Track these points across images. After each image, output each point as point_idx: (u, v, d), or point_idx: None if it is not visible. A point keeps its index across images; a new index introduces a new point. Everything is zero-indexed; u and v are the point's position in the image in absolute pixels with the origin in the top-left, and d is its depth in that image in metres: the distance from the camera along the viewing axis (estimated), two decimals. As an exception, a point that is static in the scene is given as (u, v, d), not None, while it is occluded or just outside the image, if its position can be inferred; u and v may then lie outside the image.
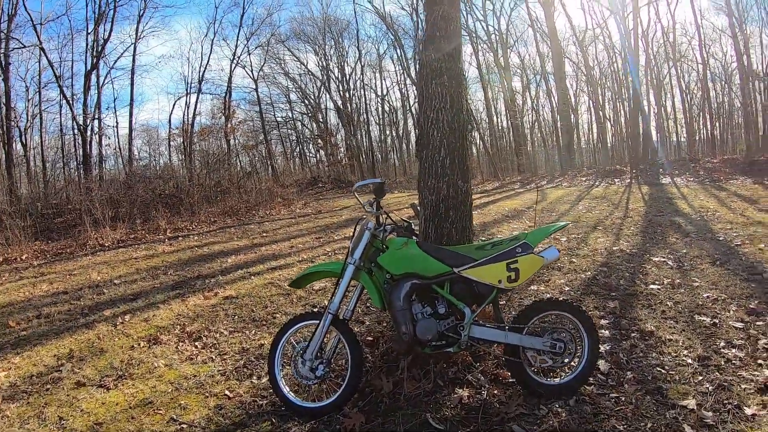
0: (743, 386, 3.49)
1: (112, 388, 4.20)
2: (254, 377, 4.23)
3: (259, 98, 34.99)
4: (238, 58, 31.54)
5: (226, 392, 3.98)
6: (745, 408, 3.22)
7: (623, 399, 3.41)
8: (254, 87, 34.63)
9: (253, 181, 19.42)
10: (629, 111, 27.42)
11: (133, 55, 26.43)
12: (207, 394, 3.97)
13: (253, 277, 7.47)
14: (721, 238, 7.92)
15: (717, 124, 34.03)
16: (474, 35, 32.10)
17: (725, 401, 3.31)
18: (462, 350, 3.60)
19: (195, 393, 4.01)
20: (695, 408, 3.24)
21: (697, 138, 36.28)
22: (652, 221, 9.79)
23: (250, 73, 34.29)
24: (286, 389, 3.64)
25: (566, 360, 3.50)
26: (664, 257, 6.97)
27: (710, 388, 3.49)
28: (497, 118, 38.51)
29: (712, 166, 19.89)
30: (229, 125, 26.82)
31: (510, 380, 3.68)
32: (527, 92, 38.91)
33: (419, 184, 4.62)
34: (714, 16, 50.06)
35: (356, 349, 3.60)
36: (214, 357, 4.70)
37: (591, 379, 3.61)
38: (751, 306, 4.91)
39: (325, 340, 3.65)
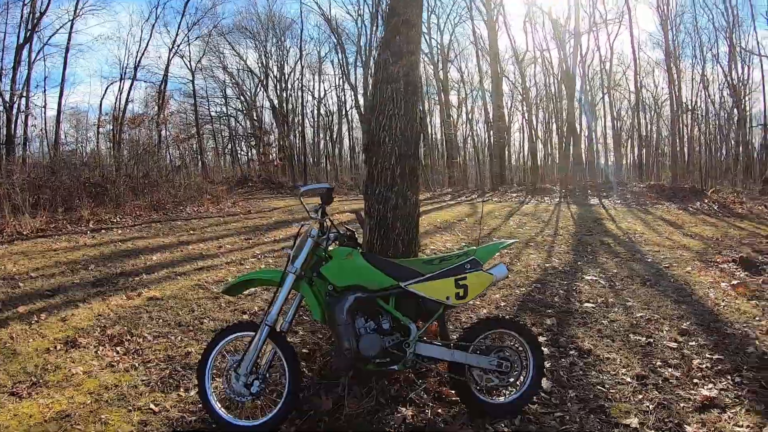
0: (682, 405, 3.57)
1: (25, 397, 3.76)
2: (181, 389, 3.91)
3: (194, 90, 34.27)
4: (178, 47, 30.75)
5: (152, 406, 3.64)
6: (686, 426, 3.29)
7: (567, 418, 3.40)
8: (191, 78, 33.91)
9: (183, 176, 18.73)
10: (563, 132, 28.40)
11: (69, 33, 25.24)
12: (130, 408, 3.62)
13: (179, 277, 7.08)
14: (649, 260, 8.22)
15: (644, 152, 35.97)
16: (416, 47, 32.24)
17: (666, 420, 3.36)
18: (407, 368, 3.48)
19: (117, 406, 3.65)
20: (638, 427, 3.27)
21: (624, 163, 38.33)
22: (582, 240, 10.07)
23: (188, 63, 33.50)
24: (217, 405, 3.37)
25: (512, 379, 3.45)
26: (596, 276, 7.15)
27: (650, 406, 3.54)
28: (432, 129, 39.13)
29: (639, 190, 20.88)
30: (162, 115, 25.78)
31: (454, 398, 3.60)
32: (463, 107, 39.85)
33: (366, 192, 4.46)
34: (651, 50, 52.81)
35: (294, 365, 3.37)
36: (137, 365, 4.33)
37: (534, 397, 3.58)
38: (683, 326, 5.08)
39: (260, 353, 3.43)
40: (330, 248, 3.53)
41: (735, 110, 28.76)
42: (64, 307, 5.79)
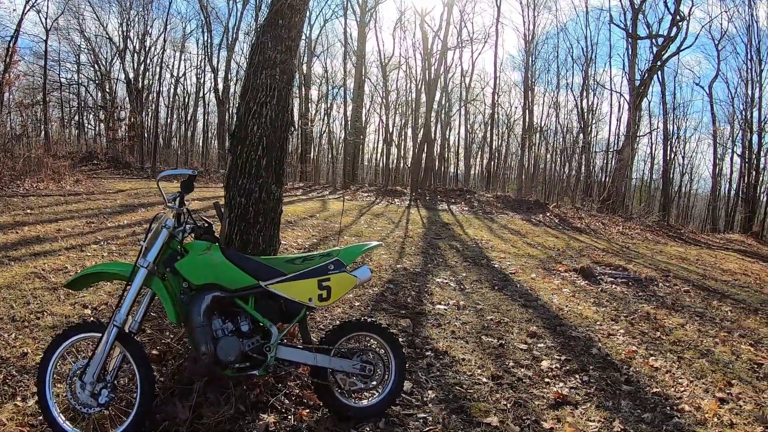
0: (537, 402, 3.80)
1: None
2: (18, 398, 3.36)
3: (46, 52, 30.74)
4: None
5: (-14, 420, 3.15)
6: (542, 422, 3.50)
7: (431, 419, 3.45)
8: (44, 38, 30.42)
9: (23, 146, 16.85)
10: (417, 138, 29.38)
11: None
12: (-42, 425, 3.11)
13: (12, 263, 6.19)
14: (496, 266, 8.69)
15: (493, 163, 38.37)
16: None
17: (524, 417, 3.56)
18: (269, 373, 3.34)
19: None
20: (498, 425, 3.41)
21: (473, 172, 40.79)
22: (432, 243, 10.44)
23: (43, 21, 30.17)
24: (61, 419, 2.98)
25: (375, 382, 3.43)
26: (446, 279, 7.41)
27: (508, 405, 3.72)
28: (287, 122, 38.69)
29: (486, 200, 22.22)
30: (8, 75, 22.95)
31: (317, 402, 3.51)
32: (323, 102, 39.94)
33: (227, 182, 4.25)
34: (510, 71, 56.79)
35: (146, 370, 3.06)
36: None
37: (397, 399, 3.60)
38: (532, 329, 5.40)
39: (108, 358, 3.08)
40: (186, 241, 3.29)
41: (581, 135, 31.70)
42: None
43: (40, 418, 3.10)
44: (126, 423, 3.01)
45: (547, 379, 4.20)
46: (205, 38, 35.07)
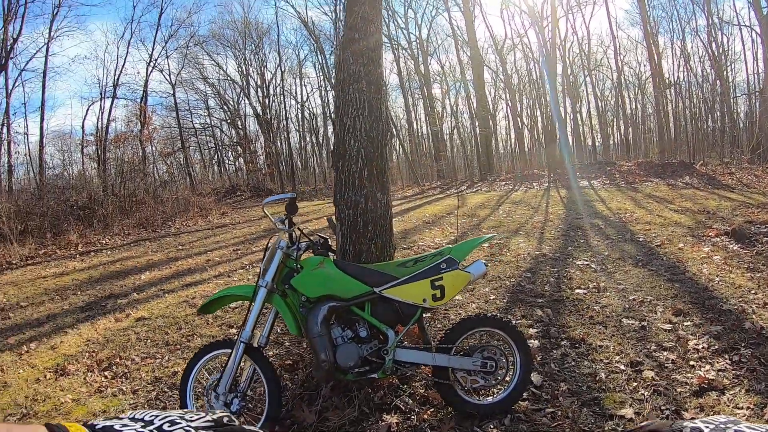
0: (678, 389, 3.50)
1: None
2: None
3: (176, 104, 33.69)
4: (155, 61, 30.24)
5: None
6: (683, 412, 3.21)
7: (559, 413, 3.31)
8: (171, 92, 33.29)
9: (170, 191, 18.74)
10: (546, 117, 28.41)
11: (45, 57, 24.74)
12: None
13: (167, 295, 7.07)
14: (641, 240, 8.17)
15: (630, 130, 36.17)
16: (395, 42, 32.68)
17: (663, 407, 3.29)
18: (387, 376, 3.40)
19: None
20: (633, 417, 3.19)
21: (612, 142, 38.77)
22: (573, 224, 10.02)
23: (167, 77, 32.89)
24: None
25: (498, 378, 3.37)
26: (587, 260, 7.08)
27: (646, 394, 3.46)
28: (417, 124, 39.27)
29: (627, 169, 20.88)
30: (146, 132, 25.56)
31: (441, 401, 3.51)
32: (447, 99, 39.88)
33: (335, 197, 4.39)
34: (629, 28, 53.49)
35: (273, 380, 3.33)
36: (124, 388, 4.32)
37: (524, 394, 3.50)
38: (678, 306, 5.00)
39: (240, 370, 3.38)
40: (302, 258, 3.49)
41: (718, 82, 28.83)
42: (53, 335, 5.86)
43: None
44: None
45: (692, 362, 3.85)
46: (320, 59, 36.05)
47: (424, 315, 3.58)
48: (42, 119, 24.76)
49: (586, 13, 32.79)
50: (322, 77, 37.04)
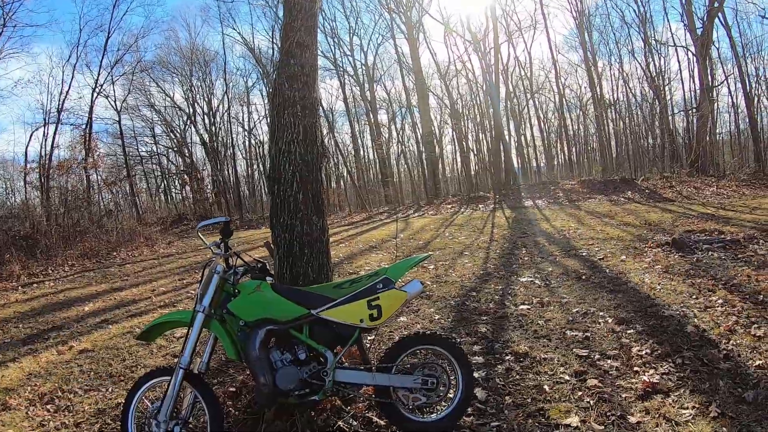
0: (623, 395, 3.51)
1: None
2: None
3: (122, 131, 32.99)
4: (101, 86, 29.44)
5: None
6: (629, 417, 3.22)
7: (505, 426, 3.27)
8: (117, 119, 32.60)
9: (115, 220, 18.29)
10: (491, 141, 28.95)
11: None
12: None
13: (110, 326, 6.91)
14: (584, 254, 8.30)
15: (574, 149, 37.24)
16: (341, 69, 33.09)
17: (608, 413, 3.28)
18: (328, 397, 3.35)
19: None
20: (579, 425, 3.16)
21: (556, 162, 39.87)
22: (517, 243, 10.15)
23: (113, 103, 32.26)
24: None
25: (441, 395, 3.33)
26: (531, 277, 7.13)
27: (591, 402, 3.45)
28: (363, 150, 39.49)
29: (571, 187, 21.48)
30: (90, 159, 24.82)
31: (384, 421, 3.44)
32: (393, 124, 40.31)
33: (271, 221, 4.39)
34: (569, 52, 55.80)
35: (214, 406, 3.27)
36: (67, 422, 4.13)
37: (470, 409, 3.45)
38: (621, 315, 5.07)
39: (180, 396, 3.30)
40: (239, 283, 3.44)
41: (656, 101, 29.95)
42: (-7, 369, 5.61)
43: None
44: None
45: (636, 368, 3.87)
46: (267, 87, 36.04)
47: (363, 335, 3.52)
48: (-18, 145, 23.87)
49: (528, 38, 33.83)
50: (269, 104, 37.03)
